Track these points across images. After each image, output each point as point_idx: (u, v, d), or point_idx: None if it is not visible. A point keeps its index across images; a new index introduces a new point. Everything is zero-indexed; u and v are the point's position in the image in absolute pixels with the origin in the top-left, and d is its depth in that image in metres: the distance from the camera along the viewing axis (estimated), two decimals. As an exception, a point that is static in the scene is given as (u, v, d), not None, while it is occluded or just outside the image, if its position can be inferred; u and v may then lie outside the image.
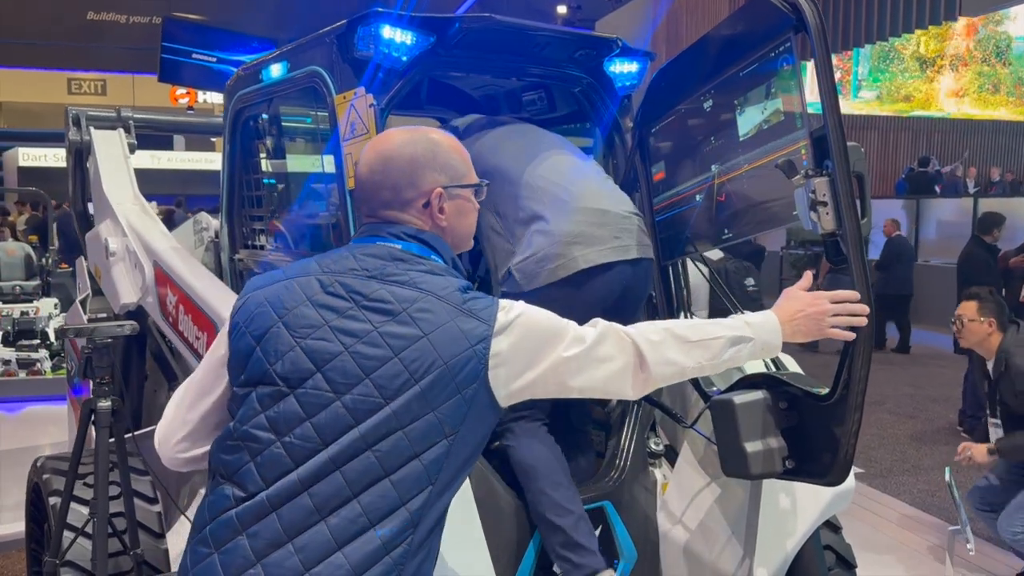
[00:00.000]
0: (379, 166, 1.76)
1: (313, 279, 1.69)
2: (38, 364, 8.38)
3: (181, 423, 1.76)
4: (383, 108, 2.52)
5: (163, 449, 1.80)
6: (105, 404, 2.72)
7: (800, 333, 1.96)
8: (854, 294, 2.02)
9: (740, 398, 2.34)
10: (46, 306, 9.60)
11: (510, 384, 1.67)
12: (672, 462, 2.97)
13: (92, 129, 4.20)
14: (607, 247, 2.54)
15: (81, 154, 4.29)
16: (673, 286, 2.99)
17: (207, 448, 1.73)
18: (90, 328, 2.72)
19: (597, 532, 2.67)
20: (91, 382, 2.73)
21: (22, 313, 9.50)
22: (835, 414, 2.19)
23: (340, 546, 1.52)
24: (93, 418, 2.74)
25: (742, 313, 2.08)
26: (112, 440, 2.82)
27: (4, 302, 9.83)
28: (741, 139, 2.48)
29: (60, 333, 2.77)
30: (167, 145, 19.98)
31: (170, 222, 7.17)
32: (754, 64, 2.40)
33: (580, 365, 1.71)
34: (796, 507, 2.69)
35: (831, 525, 3.07)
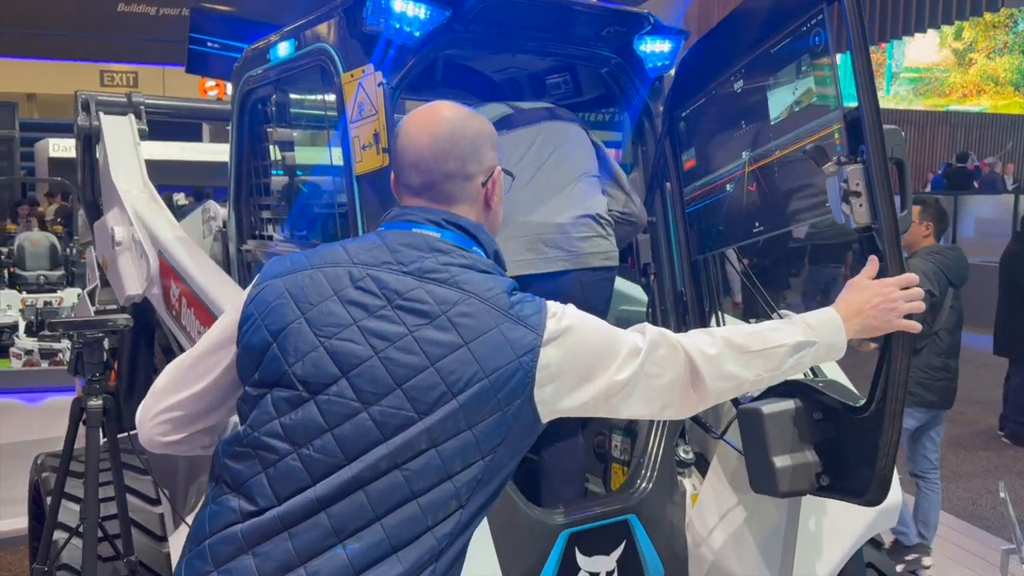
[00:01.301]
0: (446, 134, 1.58)
1: (342, 271, 1.50)
2: (60, 354, 8.33)
3: (166, 405, 1.59)
4: (394, 88, 2.34)
5: (142, 428, 1.63)
6: (96, 402, 2.56)
7: (868, 328, 1.79)
8: (914, 277, 1.82)
9: (769, 407, 2.14)
10: (70, 296, 9.60)
11: (556, 402, 1.51)
12: (703, 472, 2.78)
13: (102, 114, 4.06)
14: (511, 260, 2.28)
15: (90, 140, 4.16)
16: (705, 285, 2.79)
17: (187, 434, 1.59)
18: (79, 322, 2.56)
19: (621, 547, 2.49)
20: (82, 379, 2.58)
21: (46, 303, 9.53)
22: (872, 426, 1.99)
23: (358, 573, 1.37)
24: (84, 417, 2.58)
25: (777, 312, 1.88)
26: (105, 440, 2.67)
27: (28, 292, 9.86)
28: (772, 123, 2.29)
29: (51, 327, 2.62)
30: (195, 136, 20.03)
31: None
32: (785, 40, 2.20)
33: (633, 386, 1.55)
34: (838, 523, 2.49)
35: (874, 541, 2.87)
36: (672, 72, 2.81)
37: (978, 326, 12.19)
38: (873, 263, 1.87)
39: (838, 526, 2.48)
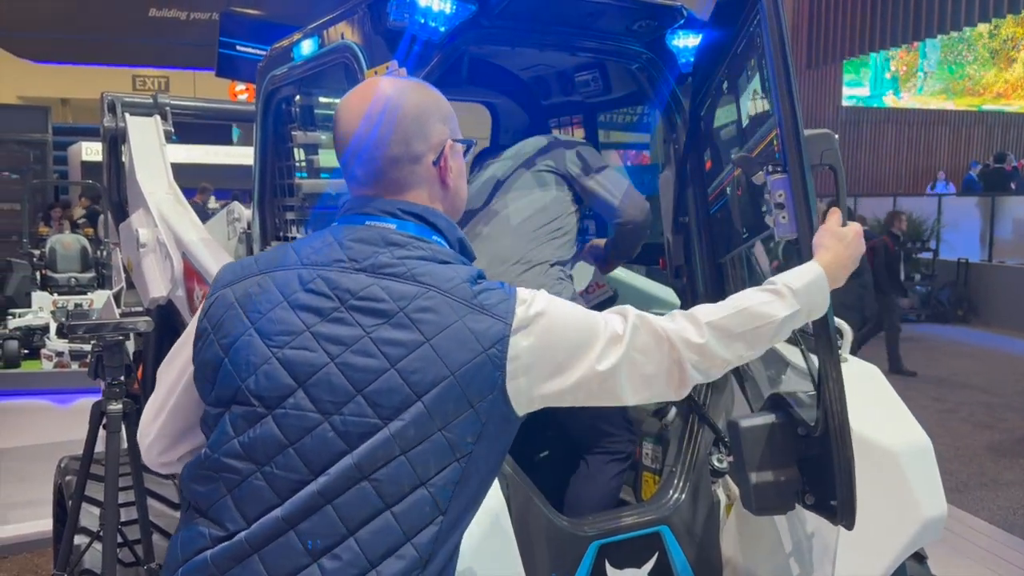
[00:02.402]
0: (382, 115, 1.44)
1: (292, 274, 1.40)
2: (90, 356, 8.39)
3: (156, 425, 1.53)
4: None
5: (141, 447, 1.57)
6: (116, 407, 2.52)
7: (838, 281, 1.71)
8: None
9: (747, 422, 2.05)
10: (100, 298, 9.66)
11: (532, 393, 1.41)
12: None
13: (128, 116, 4.05)
14: None
15: (116, 141, 4.14)
16: (732, 287, 2.71)
17: (180, 455, 1.52)
18: (97, 325, 2.52)
19: (653, 559, 2.40)
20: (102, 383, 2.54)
21: (76, 305, 9.61)
22: (825, 447, 1.93)
23: None
24: (104, 421, 2.54)
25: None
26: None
27: (59, 294, 9.96)
28: (743, 128, 2.23)
29: (70, 330, 2.57)
30: (225, 139, 20.19)
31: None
32: (743, 41, 2.12)
33: (617, 375, 1.44)
34: (880, 536, 2.38)
35: (917, 555, 2.75)
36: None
37: (1015, 329, 11.95)
38: (836, 212, 1.80)
39: (880, 539, 2.37)
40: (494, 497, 1.94)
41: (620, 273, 3.46)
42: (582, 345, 1.43)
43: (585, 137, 3.33)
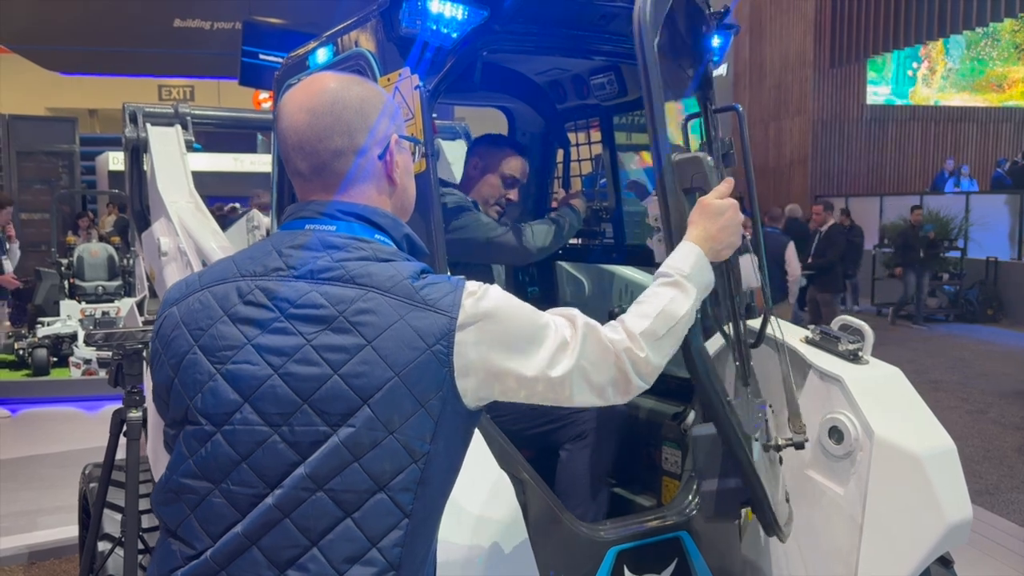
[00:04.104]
0: (326, 106, 1.40)
1: (230, 287, 1.38)
2: (117, 364, 8.48)
3: (153, 452, 1.56)
4: (431, 90, 2.28)
5: (153, 474, 1.60)
6: (136, 414, 2.54)
7: (717, 257, 1.76)
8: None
9: (698, 430, 2.07)
10: (127, 306, 9.75)
11: (481, 391, 1.39)
12: (758, 485, 2.65)
13: (149, 126, 4.09)
14: None
15: (138, 151, 4.19)
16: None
17: None
18: (115, 333, 2.55)
19: (672, 565, 2.38)
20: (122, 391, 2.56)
21: (103, 313, 9.72)
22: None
23: None
24: (124, 428, 2.56)
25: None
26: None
27: (87, 302, 10.07)
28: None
29: (88, 338, 2.59)
30: (250, 147, 20.37)
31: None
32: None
33: (568, 382, 1.44)
34: (903, 542, 2.34)
35: (943, 560, 2.70)
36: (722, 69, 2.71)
37: (1048, 329, 11.75)
38: (729, 183, 1.83)
39: (903, 544, 2.34)
40: (509, 503, 1.94)
41: (627, 271, 3.45)
42: (532, 343, 1.42)
43: (602, 140, 3.32)
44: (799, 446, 2.20)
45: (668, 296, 1.63)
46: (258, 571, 1.29)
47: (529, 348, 1.41)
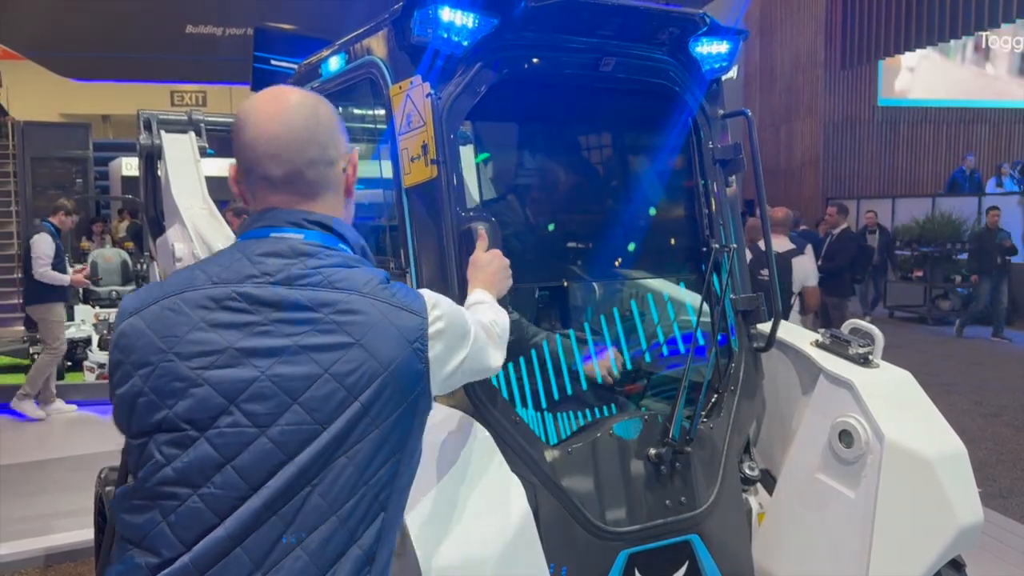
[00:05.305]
0: (303, 119, 1.47)
1: (203, 294, 1.39)
2: (131, 368, 8.52)
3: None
4: (444, 98, 2.30)
5: None
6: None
7: (498, 284, 2.09)
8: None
9: None
10: (140, 311, 9.83)
11: (440, 378, 1.55)
12: (769, 489, 2.66)
13: (163, 133, 4.13)
14: None
15: (152, 158, 4.23)
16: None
17: None
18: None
19: (683, 568, 2.39)
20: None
21: (117, 318, 9.76)
22: None
23: None
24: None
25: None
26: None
27: (101, 307, 10.15)
28: None
29: (101, 344, 2.60)
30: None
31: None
32: None
33: (479, 355, 1.69)
34: (913, 546, 2.35)
35: (954, 563, 2.70)
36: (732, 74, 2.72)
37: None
38: (484, 237, 2.18)
39: (914, 547, 2.34)
40: (520, 506, 1.95)
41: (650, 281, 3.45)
42: (466, 326, 1.64)
43: (612, 150, 3.33)
44: None
45: (492, 313, 1.94)
46: (242, 572, 1.30)
47: (465, 330, 1.63)
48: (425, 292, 1.55)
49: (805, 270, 6.70)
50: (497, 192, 3.46)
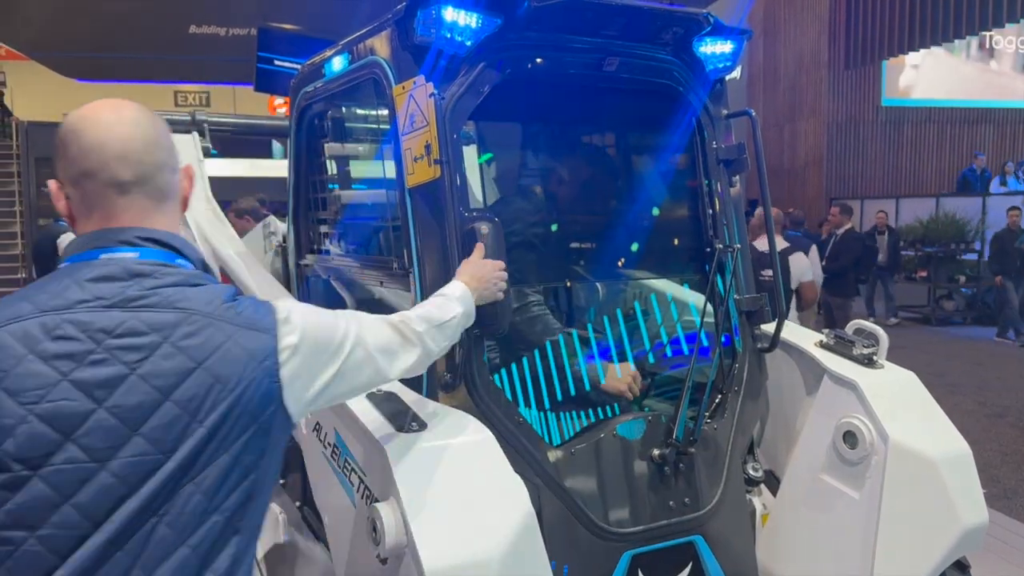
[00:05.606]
0: (147, 123, 1.42)
1: (31, 324, 1.28)
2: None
3: None
4: (448, 98, 2.30)
5: None
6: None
7: (483, 298, 2.10)
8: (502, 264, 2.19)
9: None
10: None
11: (303, 397, 1.46)
12: (773, 490, 2.65)
13: (166, 133, 4.12)
14: None
15: (155, 159, 4.22)
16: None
17: None
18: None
19: (687, 569, 2.38)
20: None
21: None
22: None
23: None
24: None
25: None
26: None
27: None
28: None
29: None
30: (266, 152, 20.49)
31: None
32: None
33: (362, 365, 1.61)
34: (920, 545, 2.34)
35: (959, 564, 2.69)
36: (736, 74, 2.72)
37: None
38: (480, 248, 2.17)
39: (918, 548, 2.34)
40: (524, 507, 1.95)
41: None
42: (332, 347, 1.54)
43: (616, 150, 3.32)
44: None
45: (441, 303, 1.95)
46: None
47: (332, 352, 1.54)
48: (280, 305, 1.47)
49: (800, 266, 6.71)
50: (500, 192, 3.46)
